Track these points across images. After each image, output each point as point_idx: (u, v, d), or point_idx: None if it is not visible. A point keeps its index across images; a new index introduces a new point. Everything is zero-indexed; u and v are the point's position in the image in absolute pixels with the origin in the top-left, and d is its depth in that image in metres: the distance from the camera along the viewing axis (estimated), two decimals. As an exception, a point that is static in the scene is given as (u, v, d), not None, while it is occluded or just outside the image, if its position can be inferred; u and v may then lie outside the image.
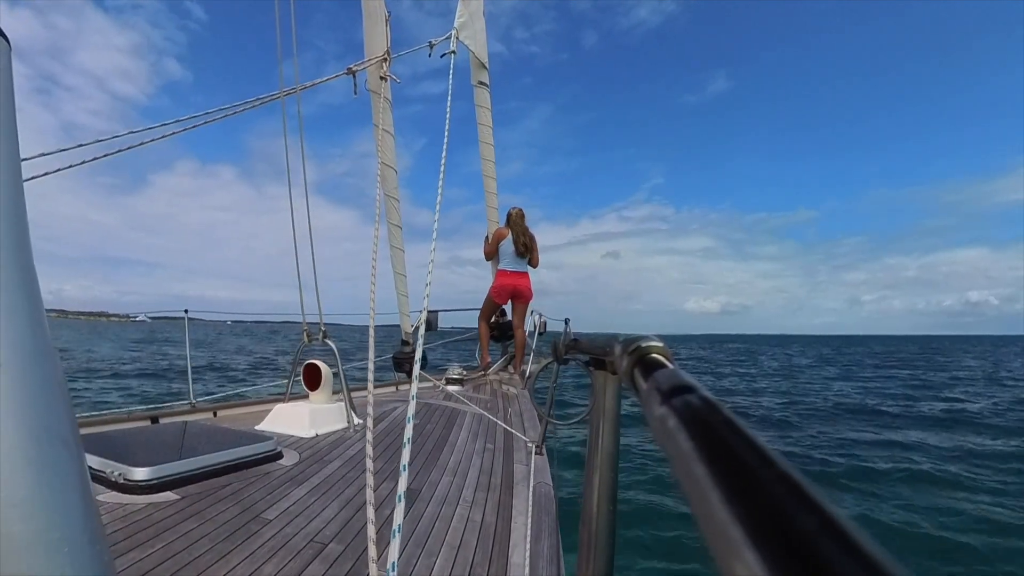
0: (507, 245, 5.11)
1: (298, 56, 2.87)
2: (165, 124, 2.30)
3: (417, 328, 1.77)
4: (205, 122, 2.43)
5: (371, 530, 1.18)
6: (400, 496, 1.10)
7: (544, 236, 5.70)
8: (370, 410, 1.57)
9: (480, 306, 5.47)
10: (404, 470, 1.18)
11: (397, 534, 1.05)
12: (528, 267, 5.22)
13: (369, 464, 1.36)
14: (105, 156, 2.13)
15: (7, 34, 0.45)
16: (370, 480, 1.32)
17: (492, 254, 5.31)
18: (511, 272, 5.13)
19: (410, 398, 1.35)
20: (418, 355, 1.59)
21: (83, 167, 2.05)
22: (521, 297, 5.18)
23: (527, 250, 5.11)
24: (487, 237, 5.58)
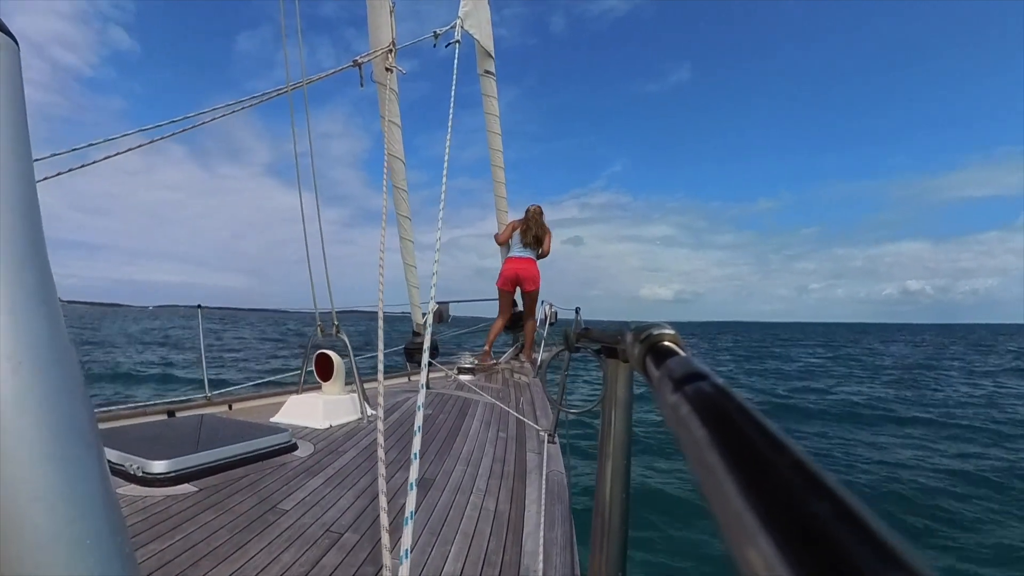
0: (518, 234, 5.30)
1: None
2: (174, 121, 2.32)
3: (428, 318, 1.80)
4: (205, 121, 2.44)
5: (384, 519, 1.19)
6: (412, 484, 1.11)
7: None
8: (380, 400, 1.58)
9: (491, 297, 5.53)
10: (415, 458, 1.18)
11: (410, 521, 1.06)
12: (533, 255, 5.33)
13: (381, 453, 1.37)
14: (106, 157, 2.15)
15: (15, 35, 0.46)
16: (382, 469, 1.33)
17: (506, 241, 5.49)
18: (515, 258, 5.27)
19: (420, 386, 1.36)
20: (427, 344, 1.60)
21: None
22: (525, 282, 5.24)
23: (537, 241, 5.26)
24: (500, 225, 5.81)
